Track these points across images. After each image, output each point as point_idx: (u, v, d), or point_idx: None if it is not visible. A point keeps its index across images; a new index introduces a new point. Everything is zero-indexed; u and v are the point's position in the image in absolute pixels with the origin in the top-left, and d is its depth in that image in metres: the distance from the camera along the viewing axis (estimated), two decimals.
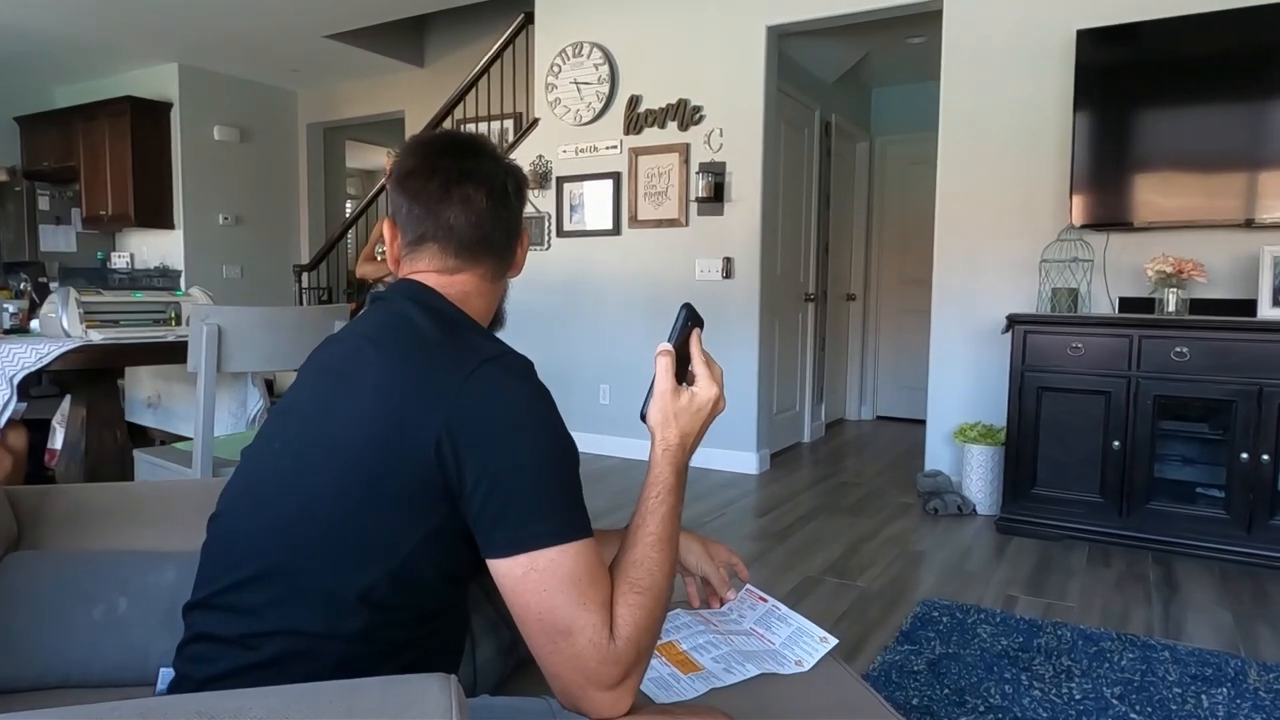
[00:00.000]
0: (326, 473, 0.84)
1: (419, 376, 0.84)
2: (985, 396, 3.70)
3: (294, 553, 0.84)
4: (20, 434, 2.68)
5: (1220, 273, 3.21)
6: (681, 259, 4.46)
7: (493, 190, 0.97)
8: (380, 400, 0.84)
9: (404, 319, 0.91)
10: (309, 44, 5.98)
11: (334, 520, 0.83)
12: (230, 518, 0.91)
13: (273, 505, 0.87)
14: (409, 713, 0.61)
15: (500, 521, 0.81)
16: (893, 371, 6.16)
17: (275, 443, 0.92)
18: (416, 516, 0.82)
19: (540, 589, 0.80)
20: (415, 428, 0.81)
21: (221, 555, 0.89)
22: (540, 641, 0.81)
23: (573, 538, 0.81)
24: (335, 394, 0.89)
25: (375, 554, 0.82)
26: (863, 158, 6.10)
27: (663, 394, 0.92)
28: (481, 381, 0.82)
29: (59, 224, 6.70)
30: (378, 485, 0.82)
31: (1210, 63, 3.16)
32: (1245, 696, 1.95)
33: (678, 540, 0.89)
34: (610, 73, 4.60)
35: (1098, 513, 3.13)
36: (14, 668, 1.06)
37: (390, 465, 0.81)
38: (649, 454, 0.92)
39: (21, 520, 1.26)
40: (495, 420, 0.81)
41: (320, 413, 0.89)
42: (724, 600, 1.25)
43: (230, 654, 0.84)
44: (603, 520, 3.27)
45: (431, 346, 0.87)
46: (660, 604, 0.86)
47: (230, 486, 0.94)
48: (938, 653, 2.16)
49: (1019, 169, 3.61)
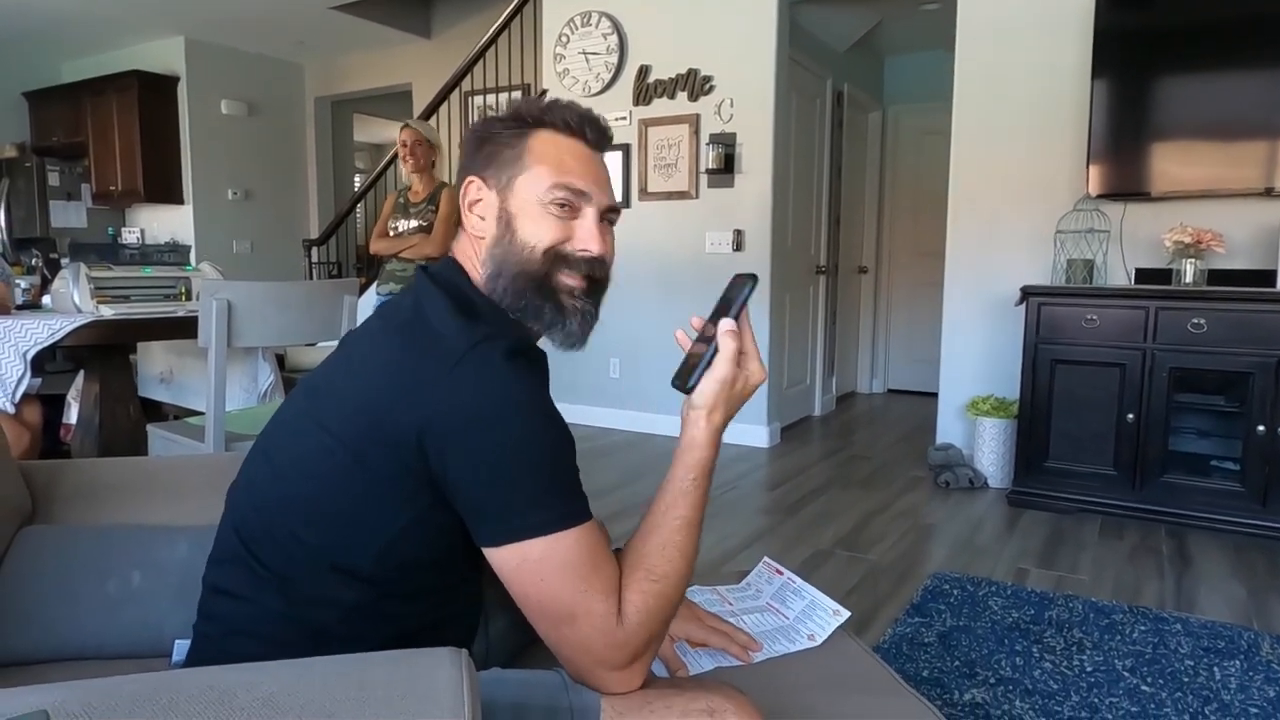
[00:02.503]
0: (320, 450, 0.84)
1: (407, 363, 0.82)
2: (998, 369, 3.67)
3: (291, 523, 0.85)
4: (35, 409, 2.70)
5: (1239, 243, 3.16)
6: (691, 232, 4.42)
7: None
8: (371, 383, 0.84)
9: (418, 295, 0.89)
10: (315, 16, 5.93)
11: (323, 496, 0.84)
12: (245, 481, 0.94)
13: (278, 476, 0.89)
14: (420, 686, 0.61)
15: (488, 512, 0.80)
16: (904, 344, 6.13)
17: (286, 414, 0.94)
18: (402, 501, 0.82)
19: (537, 578, 0.79)
20: (400, 416, 0.79)
21: (230, 517, 0.92)
22: (544, 626, 0.81)
23: (564, 526, 0.79)
24: (342, 374, 0.90)
25: (362, 533, 0.83)
26: (875, 128, 6.02)
27: (725, 381, 0.86)
28: (466, 370, 0.79)
29: (69, 200, 6.70)
30: (363, 468, 0.81)
31: (1231, 28, 3.09)
32: (1258, 669, 1.94)
33: (701, 525, 0.88)
34: (619, 43, 4.54)
35: (1111, 486, 3.12)
36: (30, 641, 1.07)
37: (376, 450, 0.81)
38: (687, 433, 0.88)
39: (36, 495, 1.27)
40: (478, 411, 0.78)
41: (325, 390, 0.90)
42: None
43: (238, 610, 0.87)
44: (612, 495, 3.29)
45: (426, 329, 0.84)
46: (678, 589, 0.85)
47: (251, 452, 0.96)
48: (948, 625, 2.16)
49: (1034, 138, 3.56)
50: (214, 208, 6.79)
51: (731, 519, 3.11)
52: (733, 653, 1.09)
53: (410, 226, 3.78)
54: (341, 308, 2.50)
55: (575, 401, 4.79)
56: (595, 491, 3.92)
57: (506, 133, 0.92)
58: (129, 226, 6.98)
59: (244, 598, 0.87)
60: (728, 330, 0.86)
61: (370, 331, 0.92)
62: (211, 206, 6.77)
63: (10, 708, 0.53)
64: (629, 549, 0.86)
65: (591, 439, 4.38)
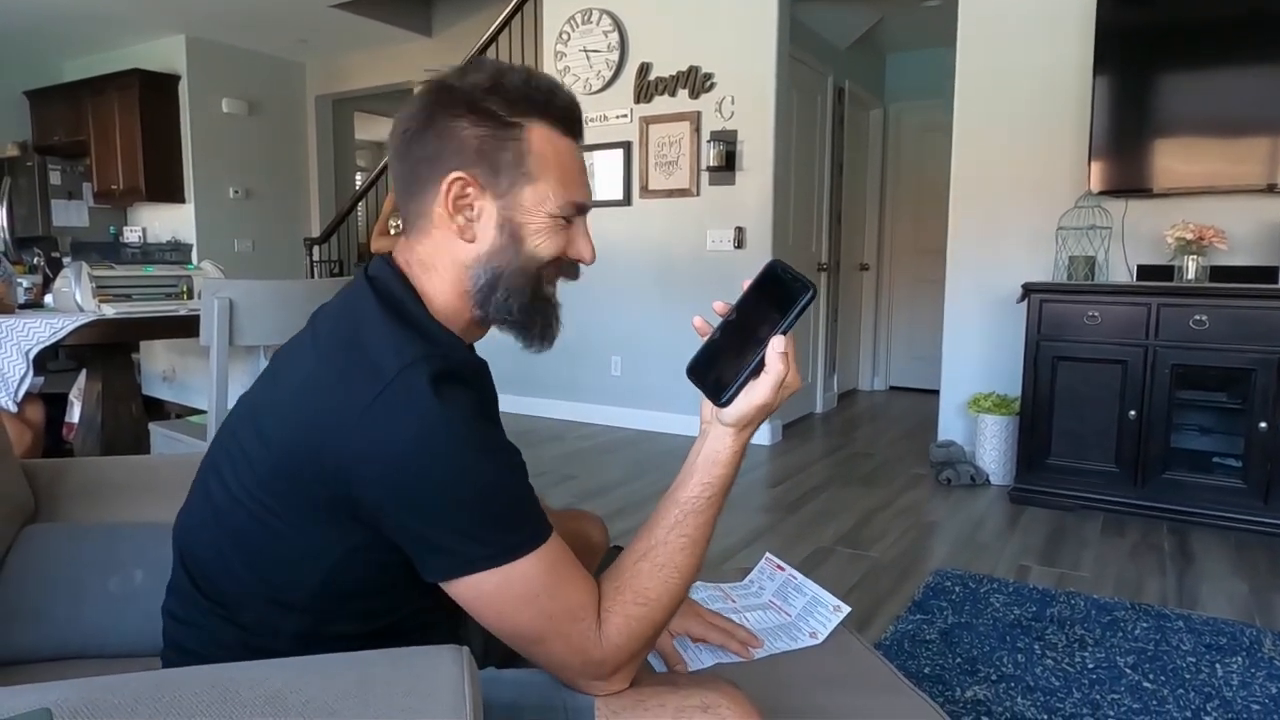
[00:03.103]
0: (247, 482, 0.79)
1: (328, 391, 0.75)
2: (999, 366, 3.67)
3: (225, 556, 0.82)
4: (37, 408, 2.70)
5: (1241, 239, 3.16)
6: (693, 229, 4.42)
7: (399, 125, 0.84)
8: (293, 414, 0.77)
9: (348, 305, 0.83)
10: (316, 14, 5.92)
11: (254, 531, 0.79)
12: (186, 506, 0.90)
13: (210, 503, 0.84)
14: (422, 684, 0.61)
15: (428, 551, 0.75)
16: (906, 342, 6.12)
17: (224, 436, 0.87)
18: (335, 535, 0.77)
19: (495, 610, 0.75)
20: (320, 451, 0.74)
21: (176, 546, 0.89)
22: (517, 646, 0.79)
23: (514, 557, 0.74)
24: (269, 390, 0.84)
25: (296, 568, 0.79)
26: (876, 125, 6.01)
27: (764, 407, 0.78)
28: (388, 404, 0.72)
29: (71, 199, 6.71)
30: (293, 499, 0.77)
31: (1233, 24, 3.08)
32: (1260, 666, 1.94)
33: (708, 543, 0.82)
34: (620, 40, 4.54)
35: (1113, 483, 3.12)
36: (33, 638, 1.07)
37: (304, 482, 0.76)
38: (709, 446, 0.81)
39: (38, 494, 1.27)
40: (404, 449, 0.72)
41: (254, 409, 0.84)
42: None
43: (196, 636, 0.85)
44: (613, 493, 3.29)
45: (352, 350, 0.77)
46: (667, 612, 0.80)
47: (198, 472, 0.91)
48: (950, 622, 2.16)
49: (1036, 135, 3.55)
50: (215, 206, 6.79)
51: (732, 516, 3.11)
52: (732, 649, 1.08)
53: None
54: None
55: (575, 399, 4.80)
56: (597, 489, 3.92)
57: (498, 126, 0.81)
58: (130, 225, 6.98)
59: (198, 625, 0.85)
60: (780, 352, 0.76)
61: (304, 343, 0.84)
62: (213, 205, 6.77)
63: (13, 705, 0.53)
64: (623, 564, 0.81)
65: (593, 436, 4.39)
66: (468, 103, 0.81)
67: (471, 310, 0.84)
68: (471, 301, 0.84)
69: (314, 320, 0.87)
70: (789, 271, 0.78)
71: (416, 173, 0.82)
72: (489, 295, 0.83)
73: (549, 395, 4.89)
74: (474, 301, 0.84)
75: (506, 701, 0.79)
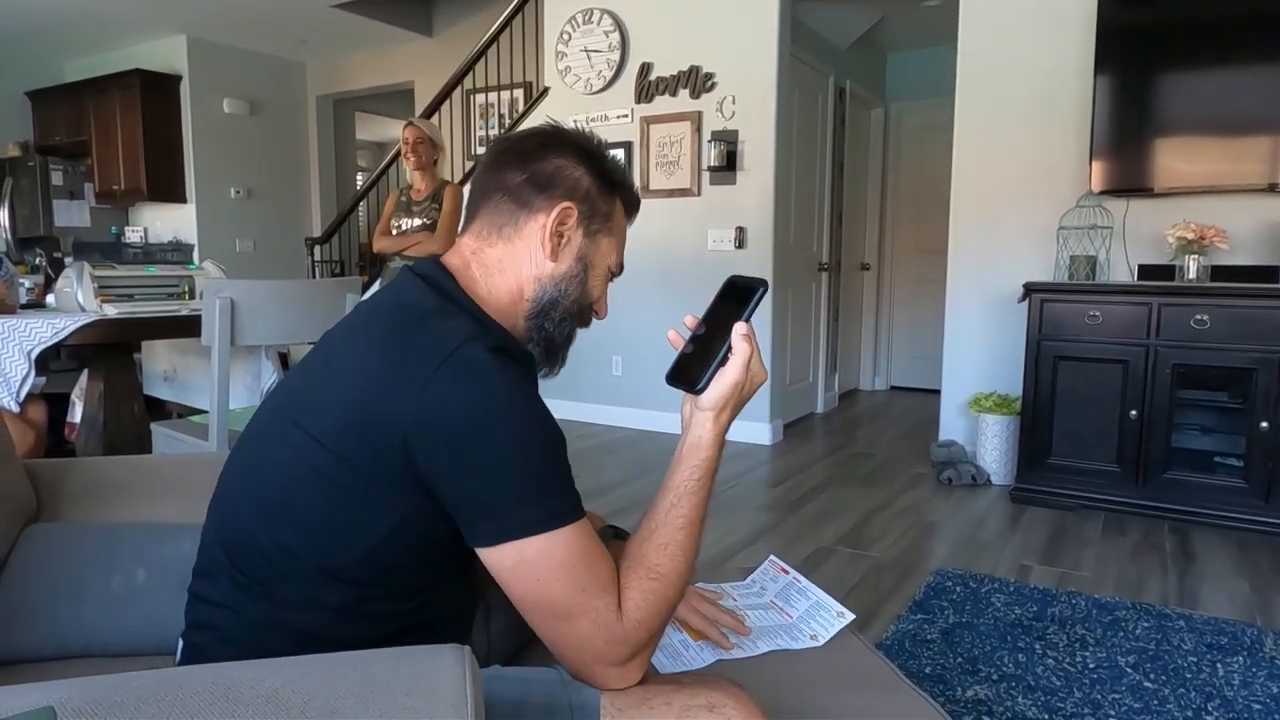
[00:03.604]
0: (302, 454, 0.83)
1: (390, 365, 0.81)
2: (1000, 366, 3.67)
3: (272, 529, 0.85)
4: (39, 408, 2.71)
5: (1242, 239, 3.16)
6: (694, 229, 4.42)
7: (506, 144, 0.95)
8: (353, 385, 0.82)
9: (399, 297, 0.89)
10: (317, 14, 5.93)
11: (305, 501, 0.83)
12: (223, 491, 0.93)
13: (257, 481, 0.88)
14: (424, 682, 0.61)
15: (480, 513, 0.79)
16: (907, 341, 6.12)
17: (265, 416, 0.93)
18: (389, 503, 0.81)
19: (534, 578, 0.78)
20: (384, 418, 0.79)
21: (212, 527, 0.92)
22: (542, 626, 0.81)
23: (559, 524, 0.78)
24: (320, 375, 0.89)
25: (349, 536, 0.82)
26: (877, 124, 6.01)
27: (737, 385, 0.87)
28: (451, 372, 0.78)
29: (72, 199, 6.71)
30: (348, 471, 0.81)
31: (1234, 23, 3.08)
32: (1261, 665, 1.94)
33: (703, 525, 0.88)
34: (621, 40, 4.54)
35: (1114, 482, 3.12)
36: (36, 638, 1.07)
37: (360, 453, 0.80)
38: (693, 433, 0.89)
39: (41, 493, 1.28)
40: (466, 413, 0.77)
41: (305, 392, 0.89)
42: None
43: (223, 619, 0.87)
44: (615, 492, 3.29)
45: (410, 331, 0.83)
46: (678, 589, 0.85)
47: (229, 458, 0.95)
48: (951, 622, 2.16)
49: (1037, 134, 3.55)
50: (217, 206, 6.79)
51: (734, 516, 3.12)
52: (711, 637, 1.09)
53: (413, 225, 3.78)
54: (344, 306, 2.50)
55: (577, 399, 4.80)
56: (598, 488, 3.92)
57: (605, 185, 0.95)
58: (132, 225, 6.99)
59: (228, 606, 0.87)
60: (744, 335, 0.88)
61: (349, 331, 0.91)
62: (214, 205, 6.77)
63: (16, 705, 0.54)
64: (630, 547, 0.86)
65: (594, 436, 4.39)
66: (587, 157, 0.94)
67: (521, 317, 0.93)
68: (526, 309, 0.93)
69: (356, 312, 0.94)
70: (743, 278, 0.93)
71: (523, 188, 0.92)
72: (545, 310, 0.93)
73: (550, 395, 4.83)
74: (528, 310, 0.93)
75: (511, 699, 0.79)
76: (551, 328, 0.94)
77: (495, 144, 0.97)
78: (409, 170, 3.89)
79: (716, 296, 0.93)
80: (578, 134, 0.96)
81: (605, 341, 4.70)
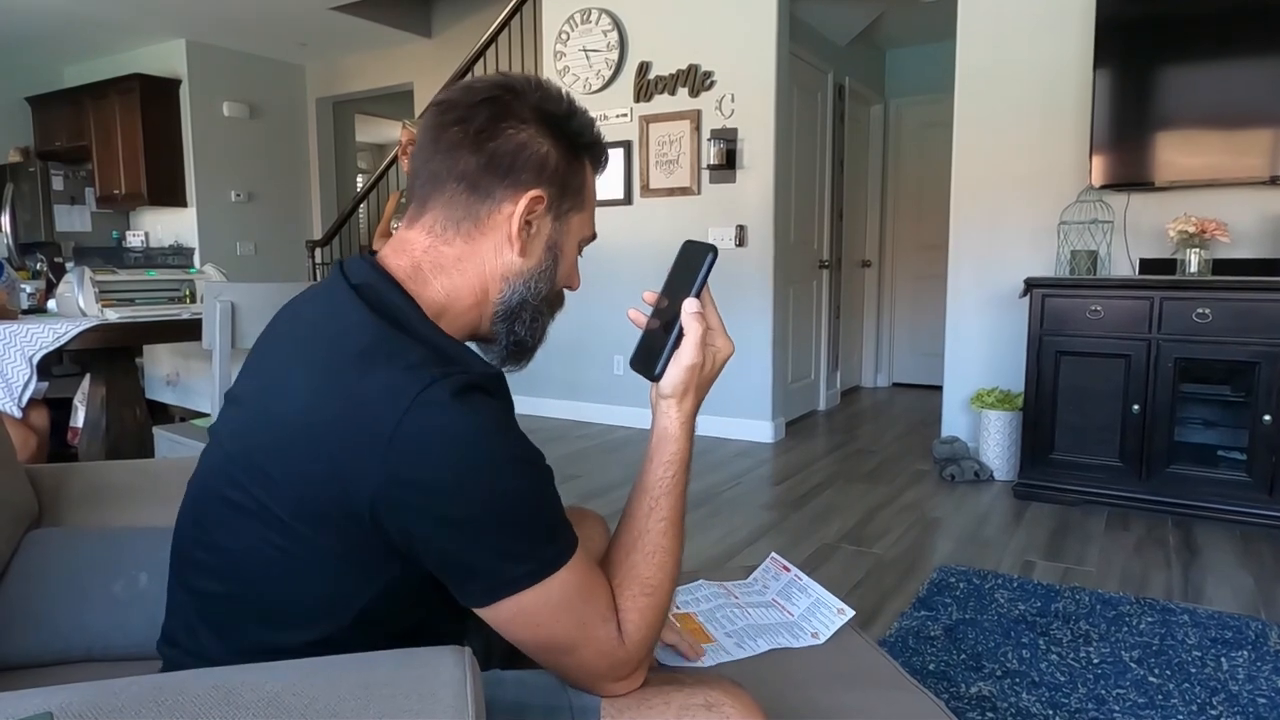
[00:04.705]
0: (263, 528, 0.73)
1: (343, 421, 0.69)
2: (1002, 362, 3.66)
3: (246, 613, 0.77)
4: (42, 413, 2.71)
5: (1244, 232, 3.15)
6: (694, 228, 4.41)
7: (453, 115, 0.79)
8: (304, 446, 0.71)
9: (336, 319, 0.76)
10: (315, 16, 5.93)
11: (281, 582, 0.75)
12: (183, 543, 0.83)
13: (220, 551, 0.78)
14: (424, 685, 0.61)
15: (467, 575, 0.72)
16: (909, 338, 6.12)
17: (216, 460, 0.81)
18: (370, 573, 0.74)
19: (533, 625, 0.74)
20: (344, 490, 0.69)
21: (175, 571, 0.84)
22: (546, 661, 0.78)
23: (552, 570, 0.73)
24: (263, 418, 0.76)
25: (331, 610, 0.76)
26: (877, 121, 6.00)
27: (693, 367, 0.80)
28: (414, 431, 0.67)
29: (73, 204, 6.72)
30: (317, 550, 0.73)
31: (1234, 16, 3.07)
32: (1266, 659, 1.94)
33: (684, 519, 0.84)
34: (619, 39, 4.54)
35: (1117, 477, 3.11)
36: (38, 643, 1.07)
37: (325, 532, 0.72)
38: (659, 424, 0.83)
39: (43, 498, 1.28)
40: (438, 475, 0.68)
41: (252, 446, 0.76)
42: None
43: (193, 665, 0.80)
44: (616, 492, 3.29)
45: (359, 372, 0.70)
46: (669, 596, 0.82)
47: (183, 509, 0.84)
48: (954, 618, 2.16)
49: (1037, 130, 3.54)
50: (217, 210, 6.80)
51: (736, 514, 3.11)
52: (682, 650, 1.07)
53: None
54: None
55: (577, 399, 4.80)
56: (599, 489, 3.92)
57: (574, 153, 0.82)
58: (133, 230, 7.00)
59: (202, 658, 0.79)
60: (693, 313, 0.80)
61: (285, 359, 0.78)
62: (215, 209, 6.78)
63: (17, 709, 0.54)
64: (614, 560, 0.81)
65: (595, 436, 4.39)
66: (549, 121, 0.80)
67: (484, 321, 0.83)
68: (492, 311, 0.82)
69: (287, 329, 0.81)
70: (695, 244, 0.84)
71: (481, 175, 0.78)
72: (514, 313, 0.83)
73: (551, 395, 4.90)
74: (495, 313, 0.82)
75: (510, 702, 0.79)
76: (523, 330, 0.84)
77: (438, 107, 0.80)
78: (406, 172, 3.90)
79: (673, 265, 0.85)
80: (532, 89, 0.80)
81: (605, 341, 4.70)
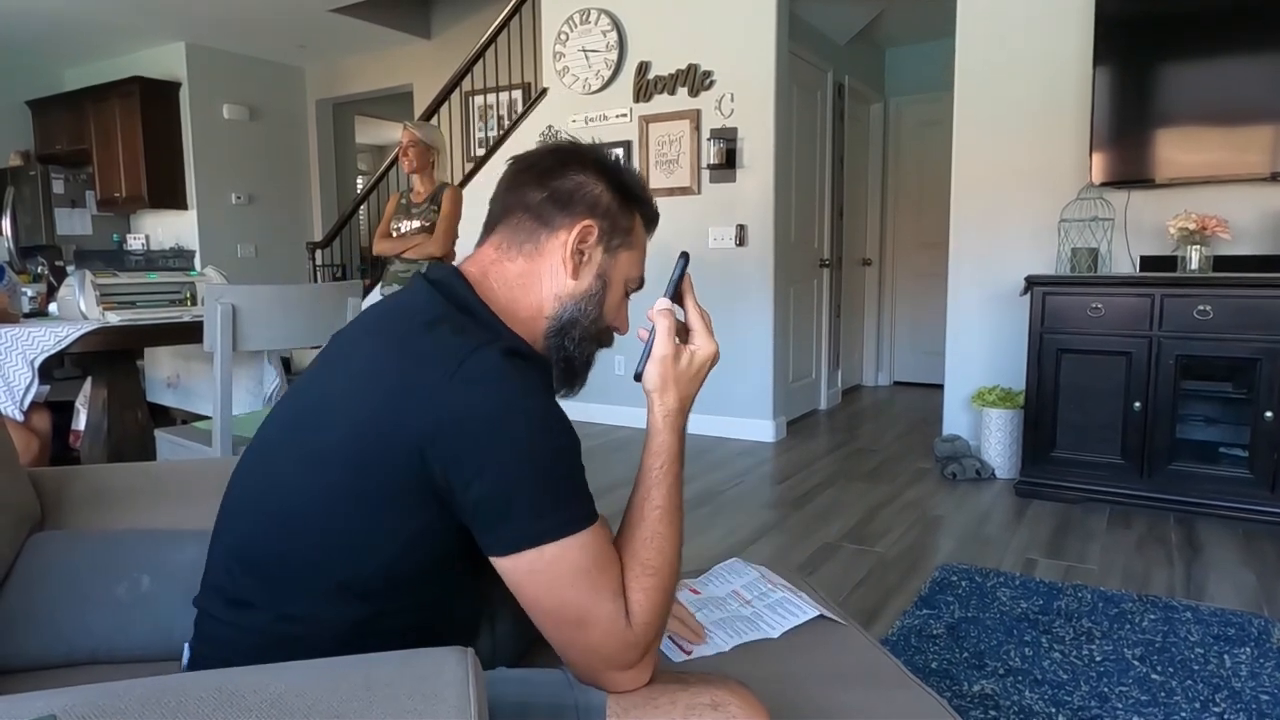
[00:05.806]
0: (313, 467, 0.82)
1: (402, 373, 0.79)
2: (1003, 360, 3.66)
3: (283, 544, 0.84)
4: (44, 416, 2.71)
5: (1245, 229, 3.15)
6: (694, 227, 4.42)
7: (525, 163, 0.94)
8: (364, 397, 0.81)
9: (411, 302, 0.88)
10: (314, 18, 5.93)
11: (320, 515, 0.82)
12: (233, 506, 0.92)
13: (267, 493, 0.87)
14: (426, 686, 0.61)
15: (496, 521, 0.78)
16: (909, 336, 6.12)
17: (273, 429, 0.91)
18: (405, 515, 0.80)
19: (548, 584, 0.78)
20: (397, 427, 0.77)
21: (222, 540, 0.91)
22: (554, 633, 0.80)
23: (575, 530, 0.78)
24: (328, 386, 0.88)
25: (363, 550, 0.81)
26: (877, 120, 6.00)
27: (664, 359, 0.88)
28: (466, 378, 0.77)
29: (74, 207, 6.73)
30: (362, 484, 0.79)
31: (1234, 12, 3.07)
32: (1269, 656, 1.94)
33: (682, 510, 0.88)
34: (619, 39, 4.54)
35: (1118, 475, 3.11)
36: (42, 646, 1.07)
37: (373, 464, 0.79)
38: (648, 419, 0.89)
39: (45, 501, 1.28)
40: (482, 420, 0.76)
41: (314, 407, 0.87)
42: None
43: (230, 634, 0.86)
44: (618, 492, 3.28)
45: (421, 337, 0.82)
46: (672, 580, 0.84)
47: (237, 470, 0.93)
48: (957, 617, 2.16)
49: (1037, 127, 3.54)
50: (218, 212, 6.81)
51: (738, 513, 3.11)
52: (683, 634, 1.10)
53: (413, 227, 3.78)
54: (346, 310, 2.50)
55: (579, 399, 4.78)
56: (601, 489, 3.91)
57: (625, 200, 0.94)
58: (134, 232, 7.00)
59: (234, 624, 0.86)
60: (660, 310, 0.90)
61: (358, 337, 0.90)
62: (215, 211, 6.79)
63: (21, 712, 0.54)
64: (618, 545, 0.85)
65: (597, 436, 4.39)
66: (605, 172, 0.93)
67: (540, 335, 0.92)
68: (545, 327, 0.92)
69: (365, 316, 0.93)
70: (684, 254, 0.95)
71: (544, 205, 0.91)
72: (564, 329, 0.92)
73: None
74: (548, 328, 0.92)
75: (515, 701, 0.79)
76: (572, 347, 0.93)
77: (514, 163, 0.96)
78: (406, 173, 3.90)
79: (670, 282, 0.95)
80: (595, 149, 0.96)
81: None
